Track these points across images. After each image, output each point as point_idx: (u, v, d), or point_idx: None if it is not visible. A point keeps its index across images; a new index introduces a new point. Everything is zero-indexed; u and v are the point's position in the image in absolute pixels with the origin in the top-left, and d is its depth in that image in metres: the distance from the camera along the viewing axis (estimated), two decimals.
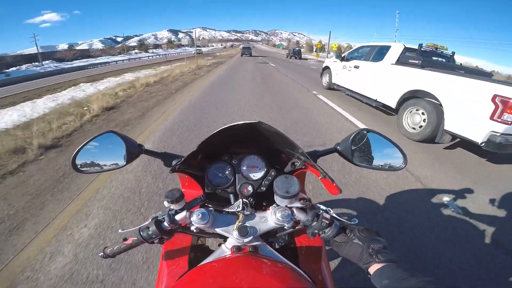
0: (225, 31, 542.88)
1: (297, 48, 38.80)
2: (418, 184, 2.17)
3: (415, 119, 3.36)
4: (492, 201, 2.01)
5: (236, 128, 0.62)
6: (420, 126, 3.28)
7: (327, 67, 6.84)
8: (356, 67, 5.11)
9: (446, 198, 1.96)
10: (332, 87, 6.38)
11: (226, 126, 0.60)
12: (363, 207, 1.84)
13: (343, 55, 5.94)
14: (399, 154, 0.69)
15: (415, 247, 1.45)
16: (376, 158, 0.70)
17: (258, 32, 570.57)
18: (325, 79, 6.94)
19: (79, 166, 0.66)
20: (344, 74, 5.68)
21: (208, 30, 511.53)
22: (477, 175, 2.46)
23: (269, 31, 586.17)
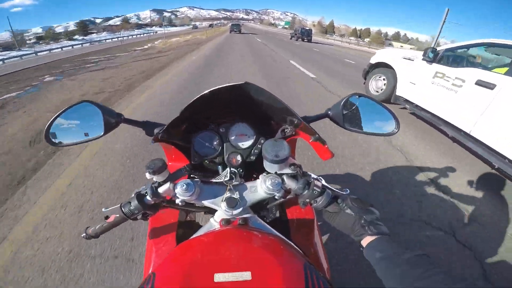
0: (214, 10, 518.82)
1: (306, 28, 30.61)
2: None
3: None
4: None
5: (222, 91, 0.58)
6: None
7: (383, 65, 4.18)
8: (487, 85, 2.39)
9: None
10: (395, 101, 3.79)
11: (210, 90, 0.57)
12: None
13: (437, 52, 3.21)
14: (391, 119, 0.68)
15: None
16: (368, 122, 0.69)
17: (249, 11, 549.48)
18: (375, 84, 4.34)
19: (53, 139, 0.63)
20: (437, 89, 3.01)
21: (195, 9, 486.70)
22: None
23: (261, 10, 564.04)
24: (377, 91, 4.29)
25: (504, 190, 2.13)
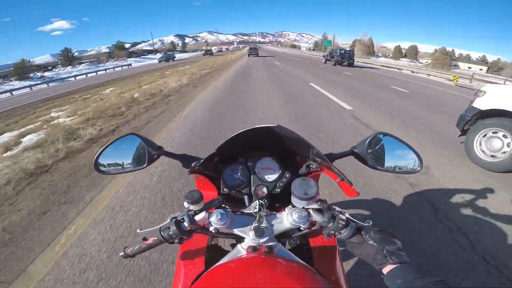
0: (231, 34, 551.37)
1: (347, 49, 25.35)
2: None
3: None
4: None
5: (255, 131, 0.64)
6: None
7: (495, 113, 2.91)
8: None
9: None
10: None
11: (245, 130, 0.63)
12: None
13: None
14: (414, 157, 0.71)
15: None
16: (392, 161, 0.72)
17: (265, 34, 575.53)
18: (488, 144, 2.95)
19: (101, 167, 0.70)
20: None
21: (214, 34, 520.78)
22: None
23: (276, 33, 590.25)
24: (492, 156, 2.86)
25: None
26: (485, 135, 2.97)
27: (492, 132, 2.90)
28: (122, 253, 0.60)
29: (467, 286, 1.51)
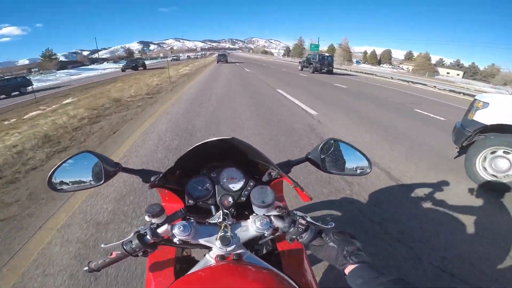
0: (200, 41, 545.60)
1: (327, 54, 22.24)
2: None
3: None
4: None
5: (211, 144, 0.66)
6: None
7: (497, 128, 2.62)
8: None
9: None
10: None
11: (200, 143, 0.65)
12: None
13: None
14: (363, 159, 0.78)
15: None
16: (343, 164, 0.78)
17: (234, 40, 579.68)
18: (493, 164, 2.64)
19: (56, 185, 0.70)
20: None
21: (181, 40, 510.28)
22: None
23: (246, 39, 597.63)
24: (496, 176, 2.59)
25: None
26: (492, 153, 2.59)
27: (500, 151, 2.55)
28: (87, 267, 0.59)
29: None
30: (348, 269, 0.49)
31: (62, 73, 43.44)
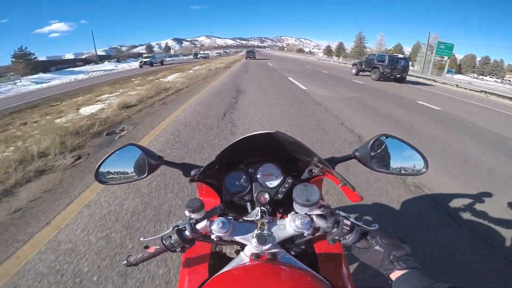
0: (230, 38, 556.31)
1: (400, 56, 15.63)
2: None
3: None
4: None
5: (254, 137, 0.64)
6: None
7: None
8: None
9: None
10: None
11: (244, 136, 0.63)
12: None
13: None
14: (419, 158, 0.71)
15: None
16: (396, 163, 0.72)
17: (263, 39, 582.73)
18: None
19: (102, 177, 0.71)
20: None
21: (212, 38, 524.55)
22: None
23: (275, 38, 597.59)
24: None
25: None
26: None
27: None
28: (126, 261, 0.60)
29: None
30: (395, 275, 0.46)
31: (30, 79, 27.69)
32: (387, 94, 9.55)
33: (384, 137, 0.72)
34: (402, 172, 0.73)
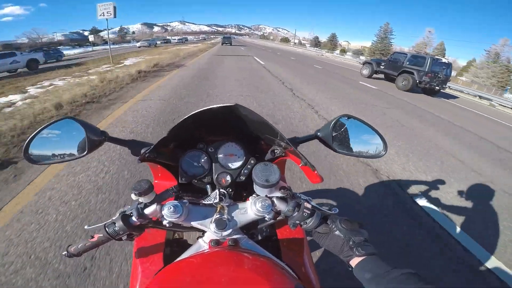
0: (205, 25, 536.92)
1: (443, 60, 11.03)
2: None
3: None
4: None
5: (211, 112, 0.58)
6: None
7: None
8: None
9: None
10: None
11: (199, 110, 0.58)
12: None
13: None
14: (379, 141, 0.72)
15: None
16: (356, 144, 0.72)
17: (241, 26, 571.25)
18: None
19: (33, 156, 0.63)
20: None
21: (187, 24, 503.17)
22: None
23: (253, 26, 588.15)
24: None
25: None
26: None
27: None
28: (65, 252, 0.55)
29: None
30: (355, 262, 0.47)
31: None
32: (432, 116, 6.56)
33: (346, 118, 0.71)
34: (362, 154, 0.73)
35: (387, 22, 66.83)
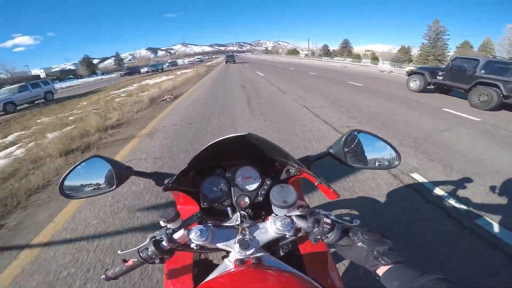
0: (207, 45, 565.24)
1: None
2: None
3: None
4: None
5: (226, 141, 0.65)
6: None
7: None
8: None
9: None
10: None
11: (215, 141, 0.64)
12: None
13: None
14: (392, 152, 0.74)
15: None
16: (369, 157, 0.75)
17: (242, 44, 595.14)
18: None
19: (67, 191, 0.71)
20: None
21: (189, 46, 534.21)
22: None
23: (254, 42, 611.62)
24: None
25: None
26: None
27: None
28: (104, 275, 0.59)
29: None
30: (381, 270, 0.47)
31: None
32: None
33: (356, 132, 0.74)
34: (376, 166, 0.74)
35: (436, 19, 54.90)
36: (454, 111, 6.03)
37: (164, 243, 0.55)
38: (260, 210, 0.79)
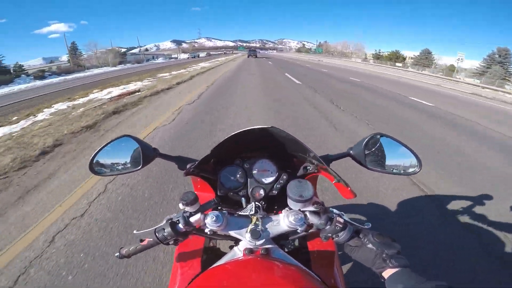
0: (230, 40, 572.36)
1: None
2: None
3: None
4: None
5: (249, 132, 0.68)
6: None
7: None
8: None
9: None
10: None
11: (239, 131, 0.67)
12: None
13: None
14: (413, 158, 0.74)
15: None
16: (390, 162, 0.75)
17: (265, 41, 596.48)
18: None
19: (96, 168, 0.75)
20: None
21: (212, 40, 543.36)
22: None
23: (277, 40, 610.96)
24: None
25: None
26: None
27: None
28: (118, 253, 0.62)
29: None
30: (387, 273, 0.49)
31: None
32: None
33: (379, 136, 0.74)
34: (395, 171, 0.75)
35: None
36: None
37: (180, 225, 0.58)
38: (272, 204, 0.82)
